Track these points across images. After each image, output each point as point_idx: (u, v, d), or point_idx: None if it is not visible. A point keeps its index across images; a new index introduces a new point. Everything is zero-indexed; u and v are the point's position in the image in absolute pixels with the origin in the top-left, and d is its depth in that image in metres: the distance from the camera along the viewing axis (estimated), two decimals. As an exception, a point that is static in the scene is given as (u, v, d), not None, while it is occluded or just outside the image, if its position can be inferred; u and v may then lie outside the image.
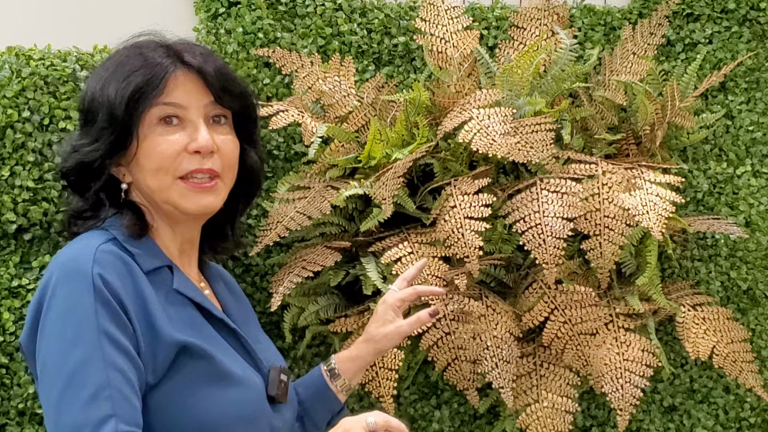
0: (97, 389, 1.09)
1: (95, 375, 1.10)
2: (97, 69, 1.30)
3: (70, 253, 1.18)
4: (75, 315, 1.12)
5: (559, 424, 1.74)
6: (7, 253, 1.68)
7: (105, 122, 1.22)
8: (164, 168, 1.23)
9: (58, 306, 1.14)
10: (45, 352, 1.14)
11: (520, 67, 1.70)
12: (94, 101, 1.24)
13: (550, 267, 1.60)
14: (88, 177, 1.24)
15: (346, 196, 1.66)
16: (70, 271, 1.15)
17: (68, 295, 1.13)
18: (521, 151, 1.59)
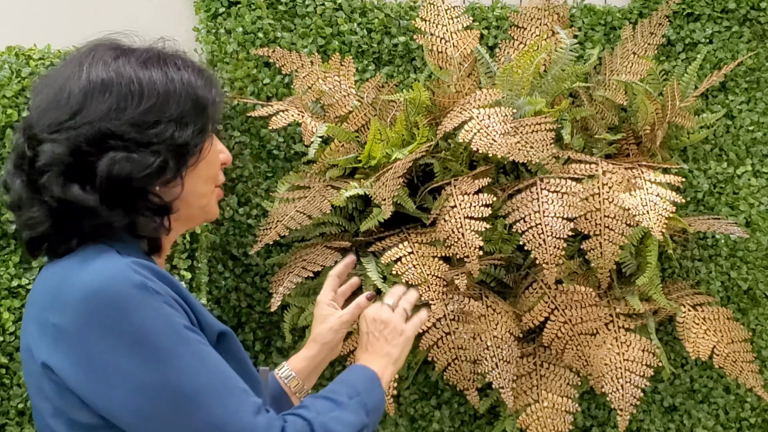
0: (224, 383, 1.04)
1: (214, 373, 1.05)
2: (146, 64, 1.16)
3: (98, 276, 1.05)
4: (150, 335, 1.02)
5: (559, 424, 1.74)
6: (7, 253, 1.68)
7: (199, 118, 1.15)
8: (213, 176, 1.22)
9: (121, 338, 1.02)
10: (129, 394, 1.02)
11: (520, 66, 1.70)
12: (174, 92, 1.13)
13: (550, 267, 1.60)
14: (160, 178, 1.13)
15: (347, 197, 1.66)
16: (116, 292, 1.03)
17: (132, 313, 1.03)
18: (521, 151, 1.59)
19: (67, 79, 1.12)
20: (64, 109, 1.10)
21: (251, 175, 1.88)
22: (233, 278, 1.86)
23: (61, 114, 1.10)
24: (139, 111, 1.11)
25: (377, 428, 1.87)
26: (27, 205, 1.11)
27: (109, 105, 1.10)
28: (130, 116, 1.10)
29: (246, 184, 1.88)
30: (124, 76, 1.12)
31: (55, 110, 1.10)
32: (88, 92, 1.10)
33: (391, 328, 1.32)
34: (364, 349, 1.32)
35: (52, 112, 1.10)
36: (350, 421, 1.15)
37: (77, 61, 1.14)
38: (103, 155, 1.08)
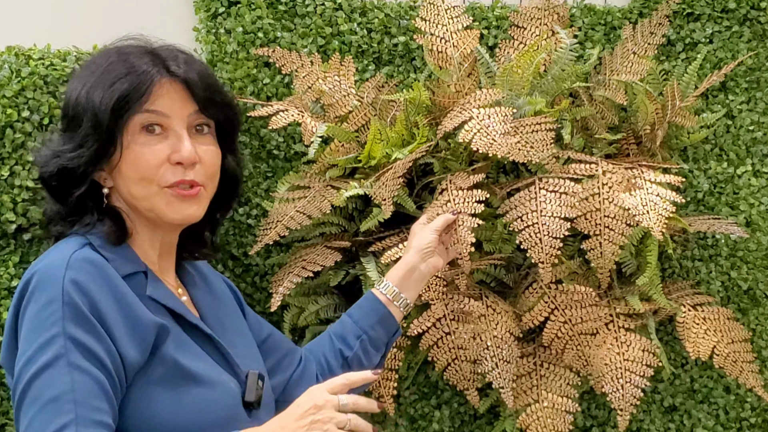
0: (59, 394, 1.08)
1: (58, 380, 1.09)
2: (80, 71, 1.29)
3: (45, 262, 1.18)
4: (44, 322, 1.12)
5: (559, 424, 1.74)
6: (7, 253, 1.68)
7: (89, 129, 1.22)
8: (147, 178, 1.24)
9: (30, 316, 1.14)
10: (17, 361, 1.14)
11: (520, 66, 1.70)
12: (78, 106, 1.24)
13: (546, 266, 1.59)
14: (70, 182, 1.24)
15: (347, 197, 1.66)
16: (42, 280, 1.15)
17: (39, 303, 1.13)
18: (521, 150, 1.59)
19: None
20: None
21: (251, 175, 1.88)
22: (233, 278, 1.86)
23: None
24: (63, 125, 1.31)
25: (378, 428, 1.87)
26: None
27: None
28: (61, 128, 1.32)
29: (246, 184, 1.88)
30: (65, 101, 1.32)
31: None
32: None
33: (316, 418, 1.17)
34: (277, 421, 1.20)
35: None
36: None
37: None
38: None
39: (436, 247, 1.57)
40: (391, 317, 1.54)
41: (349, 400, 1.19)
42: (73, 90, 1.26)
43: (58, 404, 1.07)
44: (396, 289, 1.54)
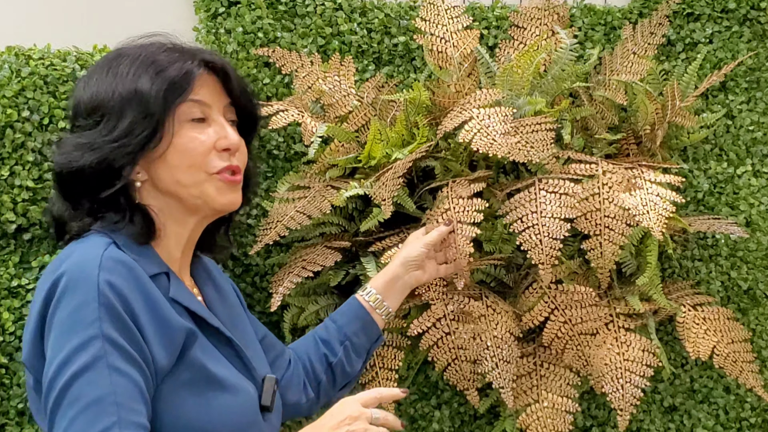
0: (101, 395, 1.08)
1: (99, 381, 1.09)
2: (105, 67, 1.27)
3: (74, 261, 1.16)
4: (80, 323, 1.11)
5: (559, 424, 1.74)
6: (7, 253, 1.68)
7: (138, 116, 1.21)
8: (197, 165, 1.26)
9: (63, 316, 1.12)
10: (50, 362, 1.12)
11: (520, 66, 1.70)
12: (117, 96, 1.22)
13: (546, 267, 1.59)
14: (106, 176, 1.22)
15: (347, 197, 1.66)
16: (74, 280, 1.13)
17: (73, 304, 1.12)
18: (521, 150, 1.59)
19: None
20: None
21: (251, 175, 1.87)
22: (233, 278, 1.86)
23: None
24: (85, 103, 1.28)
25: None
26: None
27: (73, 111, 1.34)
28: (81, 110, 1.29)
29: (246, 184, 1.88)
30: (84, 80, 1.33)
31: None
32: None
33: (352, 429, 1.21)
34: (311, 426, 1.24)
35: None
36: None
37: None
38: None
39: (423, 261, 1.59)
40: (373, 324, 1.56)
41: (381, 414, 1.24)
42: (106, 83, 1.25)
43: (100, 406, 1.07)
44: (379, 296, 1.56)
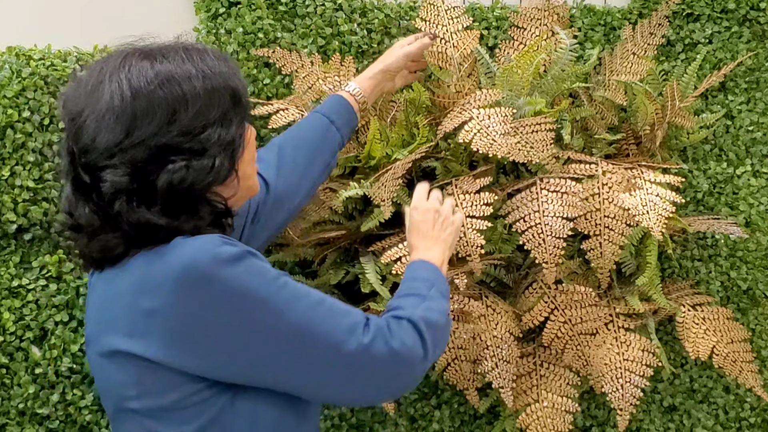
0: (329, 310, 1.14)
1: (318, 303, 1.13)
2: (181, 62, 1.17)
3: (186, 255, 1.09)
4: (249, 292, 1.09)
5: (559, 424, 1.74)
6: (7, 253, 1.68)
7: (237, 110, 1.19)
8: (254, 156, 1.27)
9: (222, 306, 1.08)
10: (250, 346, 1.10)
11: (520, 67, 1.70)
12: (213, 90, 1.16)
13: (550, 267, 1.60)
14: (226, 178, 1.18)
15: (345, 197, 1.66)
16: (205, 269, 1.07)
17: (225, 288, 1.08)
18: (521, 151, 1.59)
19: (110, 98, 1.11)
20: (114, 132, 1.10)
21: (251, 175, 1.87)
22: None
23: (113, 137, 1.10)
24: (188, 118, 1.12)
25: (377, 428, 1.88)
26: (100, 232, 1.14)
27: (159, 120, 1.11)
28: (179, 126, 1.12)
29: (246, 184, 1.88)
30: (166, 85, 1.12)
31: (105, 133, 1.10)
32: (136, 111, 1.10)
33: (443, 217, 1.46)
34: (420, 236, 1.43)
35: (103, 136, 1.11)
36: (439, 308, 1.28)
37: (114, 76, 1.13)
38: (161, 170, 1.11)
39: (399, 71, 1.77)
40: (357, 119, 1.70)
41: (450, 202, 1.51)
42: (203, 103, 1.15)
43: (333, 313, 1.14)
44: (366, 99, 1.71)
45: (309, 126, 1.64)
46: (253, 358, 1.10)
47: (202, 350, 1.09)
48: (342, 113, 1.66)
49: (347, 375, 1.13)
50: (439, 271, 1.36)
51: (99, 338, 1.17)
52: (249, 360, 1.10)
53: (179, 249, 1.10)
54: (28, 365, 1.67)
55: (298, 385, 1.14)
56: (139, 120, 1.10)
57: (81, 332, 1.69)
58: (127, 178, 1.10)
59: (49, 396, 1.67)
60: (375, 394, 1.19)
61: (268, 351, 1.10)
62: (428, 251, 1.40)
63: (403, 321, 1.20)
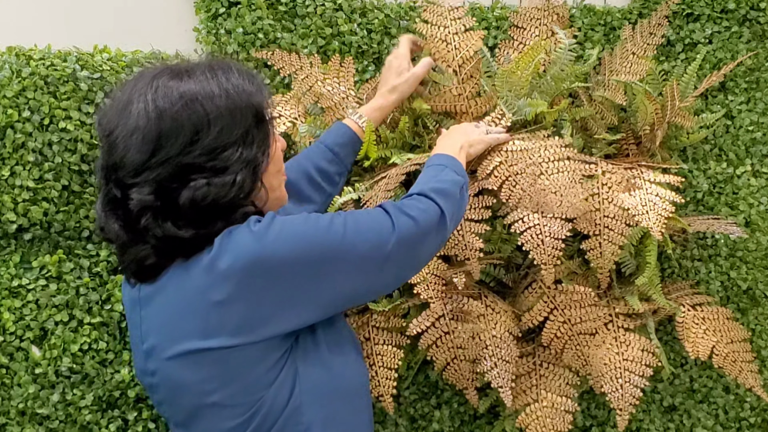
0: (357, 218, 1.24)
1: (350, 219, 1.23)
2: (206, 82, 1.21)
3: (233, 246, 1.16)
4: (298, 239, 1.18)
5: (559, 423, 1.74)
6: (7, 253, 1.69)
7: (261, 128, 1.24)
8: (281, 168, 1.32)
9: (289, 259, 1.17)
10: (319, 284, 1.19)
11: (519, 67, 1.70)
12: (236, 109, 1.20)
13: (548, 267, 1.60)
14: (250, 193, 1.24)
15: (341, 203, 1.66)
16: (254, 248, 1.16)
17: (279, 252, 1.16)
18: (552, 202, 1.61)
19: (137, 117, 1.16)
20: (141, 151, 1.15)
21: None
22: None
23: (140, 156, 1.15)
24: (210, 138, 1.17)
25: (377, 428, 1.88)
26: (131, 244, 1.21)
27: (183, 141, 1.16)
28: (202, 146, 1.17)
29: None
30: (189, 106, 1.17)
31: (133, 152, 1.16)
32: (161, 131, 1.15)
33: (470, 130, 1.61)
34: (442, 138, 1.60)
35: (131, 155, 1.16)
36: (450, 180, 1.40)
37: (142, 96, 1.18)
38: (184, 188, 1.16)
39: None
40: (360, 144, 1.70)
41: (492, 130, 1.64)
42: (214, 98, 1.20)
43: (363, 214, 1.25)
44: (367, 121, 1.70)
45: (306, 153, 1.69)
46: (323, 293, 1.20)
47: (279, 315, 1.18)
48: (340, 140, 1.69)
49: (393, 262, 1.24)
50: (453, 157, 1.49)
51: (169, 346, 1.21)
52: (321, 296, 1.20)
53: (227, 244, 1.17)
54: (28, 365, 1.67)
55: (363, 292, 1.25)
56: (163, 140, 1.15)
57: (81, 332, 1.70)
58: (152, 196, 1.15)
59: (49, 396, 1.67)
60: (418, 263, 1.32)
61: (332, 281, 1.20)
62: (445, 146, 1.54)
63: (413, 195, 1.33)
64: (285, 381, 1.21)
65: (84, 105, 1.70)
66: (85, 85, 1.70)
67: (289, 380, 1.22)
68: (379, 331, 1.72)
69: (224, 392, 1.20)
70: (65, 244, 1.71)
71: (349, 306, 1.29)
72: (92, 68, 1.72)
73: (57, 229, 1.70)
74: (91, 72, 1.71)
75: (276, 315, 1.18)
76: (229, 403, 1.20)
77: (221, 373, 1.19)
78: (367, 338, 1.72)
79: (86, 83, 1.70)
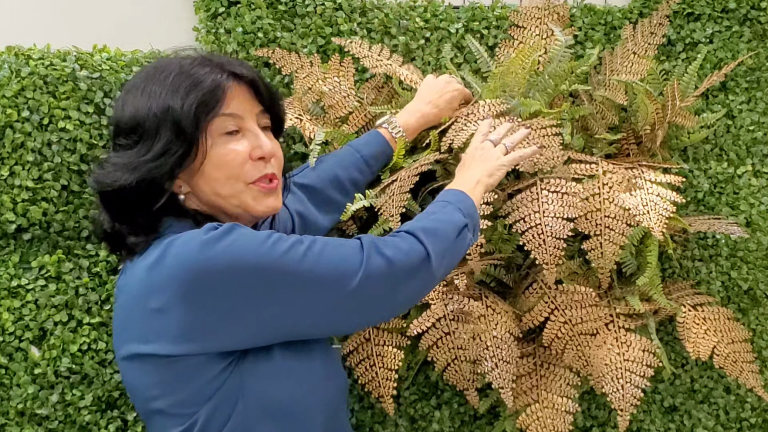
0: (326, 244, 1.21)
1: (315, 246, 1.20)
2: (139, 85, 1.30)
3: (177, 252, 1.17)
4: (248, 259, 1.15)
5: (559, 424, 1.74)
6: (7, 253, 1.68)
7: (171, 136, 1.25)
8: (234, 176, 1.29)
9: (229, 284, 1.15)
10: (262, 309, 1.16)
11: (515, 66, 1.70)
12: (154, 117, 1.25)
13: (550, 267, 1.59)
14: (149, 192, 1.26)
15: (353, 211, 1.65)
16: (197, 257, 1.15)
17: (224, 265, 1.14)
18: (530, 160, 1.59)
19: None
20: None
21: (251, 175, 1.87)
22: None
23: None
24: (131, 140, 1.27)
25: (377, 428, 1.87)
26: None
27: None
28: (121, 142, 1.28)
29: (246, 184, 1.88)
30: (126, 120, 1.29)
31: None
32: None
33: (488, 154, 1.53)
34: (460, 169, 1.54)
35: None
36: (446, 219, 1.32)
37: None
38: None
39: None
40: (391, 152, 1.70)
41: (506, 141, 1.56)
42: (141, 103, 1.27)
43: (336, 243, 1.21)
44: (404, 135, 1.71)
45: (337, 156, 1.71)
46: (268, 318, 1.16)
47: (218, 331, 1.15)
48: (375, 150, 1.70)
49: (358, 301, 1.19)
50: (462, 193, 1.42)
51: (121, 345, 1.24)
52: (266, 320, 1.16)
53: (172, 248, 1.17)
54: (27, 365, 1.66)
55: (317, 325, 1.20)
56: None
57: (80, 332, 1.69)
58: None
59: (49, 396, 1.67)
60: (391, 307, 1.25)
61: (279, 306, 1.16)
62: (461, 179, 1.49)
63: (401, 232, 1.28)
64: (226, 397, 1.19)
65: (83, 105, 1.70)
66: (85, 85, 1.69)
67: (231, 396, 1.19)
68: (379, 331, 1.72)
69: (167, 400, 1.19)
70: (64, 244, 1.70)
71: (310, 336, 1.24)
72: (92, 68, 1.71)
73: (56, 229, 1.69)
74: (91, 72, 1.71)
75: (220, 329, 1.16)
76: (171, 412, 1.20)
77: (164, 381, 1.19)
78: (368, 339, 1.72)
79: (85, 83, 1.70)
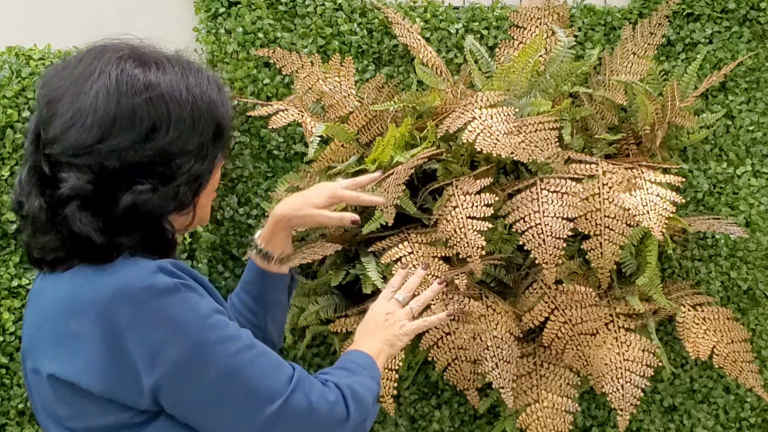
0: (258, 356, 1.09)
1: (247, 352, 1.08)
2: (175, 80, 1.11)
3: (118, 286, 1.04)
4: (180, 325, 1.03)
5: (559, 424, 1.74)
6: (7, 253, 1.68)
7: (216, 144, 1.14)
8: (215, 187, 1.22)
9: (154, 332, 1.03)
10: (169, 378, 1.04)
11: (517, 66, 1.70)
12: (200, 118, 1.11)
13: (550, 267, 1.60)
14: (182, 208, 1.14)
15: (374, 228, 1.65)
16: (136, 295, 1.03)
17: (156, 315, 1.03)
18: (525, 150, 1.59)
19: (94, 96, 1.05)
20: (88, 132, 1.04)
21: (251, 175, 1.88)
22: (233, 278, 1.86)
23: (85, 137, 1.04)
24: (165, 141, 1.07)
25: (377, 428, 1.88)
26: (42, 230, 1.09)
27: (137, 135, 1.06)
28: (154, 146, 1.07)
29: (246, 184, 1.88)
30: (153, 100, 1.07)
31: (78, 130, 1.05)
32: (116, 117, 1.05)
33: (393, 320, 1.40)
34: (363, 332, 1.39)
35: (75, 131, 1.05)
36: (368, 386, 1.24)
37: (104, 74, 1.07)
38: (128, 189, 1.06)
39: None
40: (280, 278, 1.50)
41: (414, 304, 1.43)
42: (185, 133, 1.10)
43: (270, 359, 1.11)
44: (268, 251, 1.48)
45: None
46: (171, 390, 1.05)
47: (124, 377, 1.04)
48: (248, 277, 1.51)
49: (262, 424, 1.08)
50: (372, 359, 1.31)
51: (32, 354, 1.12)
52: (168, 391, 1.05)
53: (115, 274, 1.05)
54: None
55: (210, 425, 1.08)
56: (116, 128, 1.05)
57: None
58: (90, 185, 1.05)
59: (49, 396, 1.67)
60: None
61: (188, 388, 1.05)
62: (365, 343, 1.35)
63: (330, 383, 1.17)
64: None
65: (84, 105, 1.70)
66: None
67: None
68: (379, 331, 1.72)
69: (75, 424, 1.09)
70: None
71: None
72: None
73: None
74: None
75: (122, 374, 1.03)
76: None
77: (71, 404, 1.07)
78: (368, 338, 1.72)
79: (86, 83, 1.70)
